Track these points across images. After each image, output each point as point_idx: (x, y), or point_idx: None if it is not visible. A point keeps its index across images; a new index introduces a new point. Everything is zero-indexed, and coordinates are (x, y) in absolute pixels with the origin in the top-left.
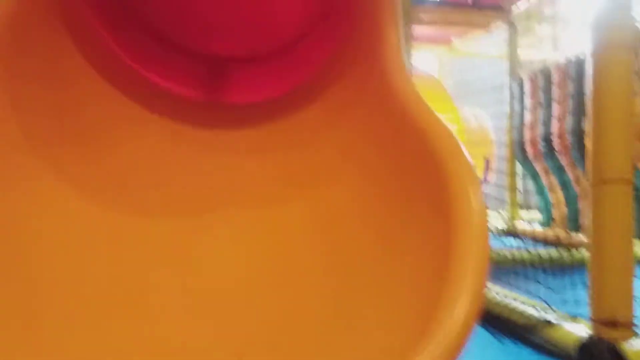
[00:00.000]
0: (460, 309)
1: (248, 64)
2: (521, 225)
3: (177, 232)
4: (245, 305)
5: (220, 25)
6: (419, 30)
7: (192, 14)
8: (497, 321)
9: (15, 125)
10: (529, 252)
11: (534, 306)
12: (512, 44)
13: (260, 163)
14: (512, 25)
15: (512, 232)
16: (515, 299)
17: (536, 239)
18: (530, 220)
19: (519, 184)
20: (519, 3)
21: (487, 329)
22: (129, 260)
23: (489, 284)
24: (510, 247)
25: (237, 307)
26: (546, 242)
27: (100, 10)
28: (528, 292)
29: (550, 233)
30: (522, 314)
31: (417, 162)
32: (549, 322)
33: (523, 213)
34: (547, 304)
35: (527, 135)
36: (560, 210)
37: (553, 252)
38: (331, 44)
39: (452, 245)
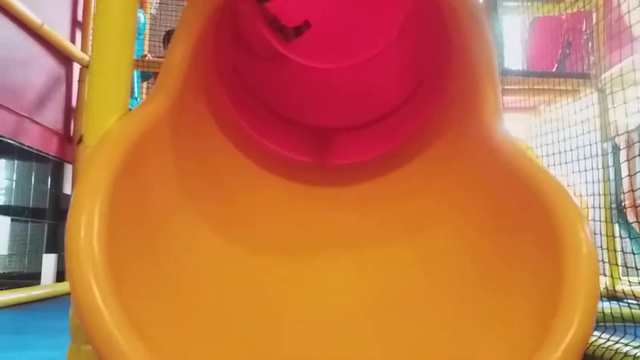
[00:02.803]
0: (574, 326)
1: (352, 130)
2: (624, 287)
3: (298, 268)
4: (365, 326)
5: (324, 103)
6: (506, 100)
7: (299, 95)
8: None
9: (175, 184)
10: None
11: None
12: (603, 110)
13: (367, 213)
14: (602, 92)
15: (613, 296)
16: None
17: None
18: (632, 283)
19: (618, 245)
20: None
21: None
22: (259, 289)
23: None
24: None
25: (357, 328)
26: None
27: (232, 95)
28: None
29: None
30: (630, 355)
31: (522, 204)
32: None
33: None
34: None
35: (626, 198)
36: None
37: None
38: (431, 106)
39: (562, 270)
